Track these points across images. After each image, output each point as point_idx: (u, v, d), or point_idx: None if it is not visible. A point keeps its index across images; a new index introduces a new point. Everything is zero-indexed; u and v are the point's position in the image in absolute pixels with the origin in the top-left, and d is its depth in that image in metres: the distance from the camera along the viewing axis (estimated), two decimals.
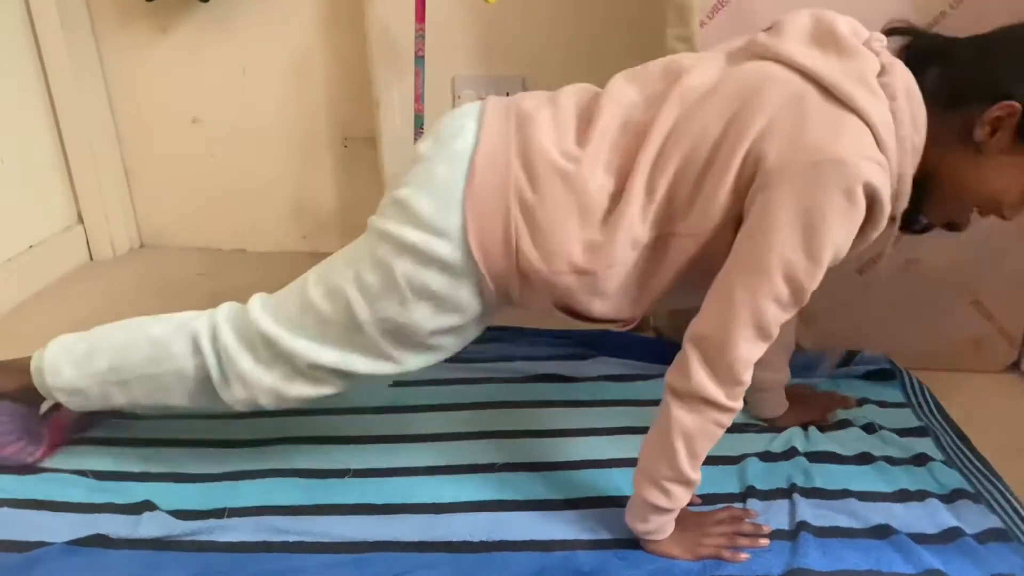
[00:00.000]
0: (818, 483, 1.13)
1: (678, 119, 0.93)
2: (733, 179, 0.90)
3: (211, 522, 1.06)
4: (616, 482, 1.14)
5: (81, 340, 1.11)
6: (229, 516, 1.08)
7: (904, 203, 0.95)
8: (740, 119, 0.90)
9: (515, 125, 0.97)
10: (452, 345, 1.05)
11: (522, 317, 1.63)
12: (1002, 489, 1.13)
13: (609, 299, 0.98)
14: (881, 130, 0.87)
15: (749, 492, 1.11)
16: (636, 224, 0.93)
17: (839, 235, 0.87)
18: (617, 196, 0.94)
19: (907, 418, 1.30)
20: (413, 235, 0.95)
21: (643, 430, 1.24)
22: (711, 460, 1.17)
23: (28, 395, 1.13)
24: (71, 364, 1.09)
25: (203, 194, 2.02)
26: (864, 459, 1.19)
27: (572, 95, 1.02)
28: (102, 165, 1.94)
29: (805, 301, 0.90)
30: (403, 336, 1.00)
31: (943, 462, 1.18)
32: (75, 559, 0.99)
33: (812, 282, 0.88)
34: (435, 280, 0.96)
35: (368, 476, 1.16)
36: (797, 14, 0.98)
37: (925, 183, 0.95)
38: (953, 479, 1.14)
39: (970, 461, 1.19)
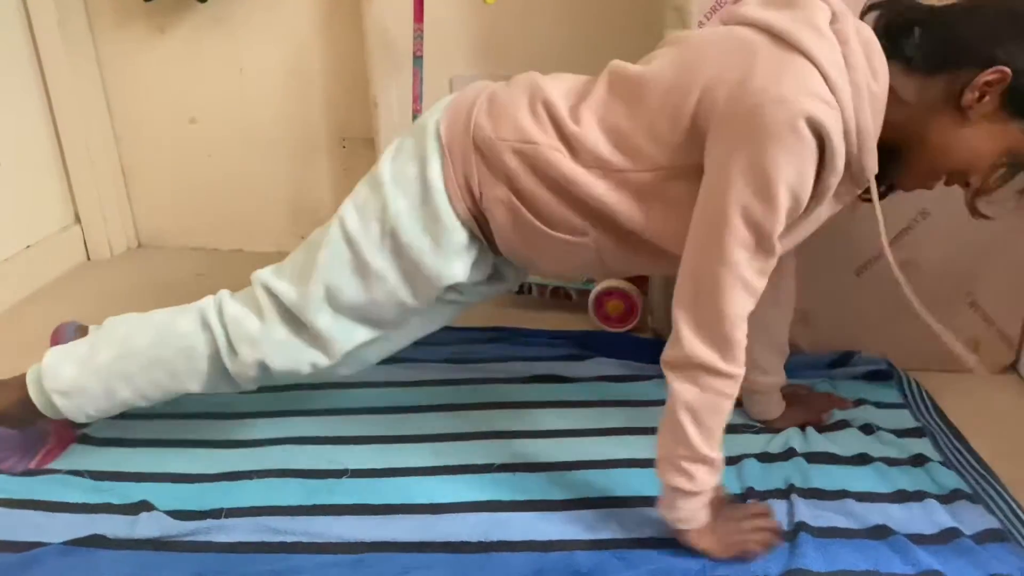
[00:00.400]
0: (816, 484, 1.13)
1: (641, 68, 0.99)
2: (688, 125, 0.92)
3: (208, 522, 1.06)
4: (614, 482, 1.14)
5: (82, 342, 1.10)
6: (226, 516, 1.07)
7: (871, 160, 0.93)
8: (695, 65, 0.93)
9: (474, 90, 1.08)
10: (461, 276, 1.05)
11: (521, 318, 1.63)
12: (1000, 490, 1.13)
13: (550, 187, 1.00)
14: (831, 71, 0.87)
15: (748, 493, 1.11)
16: (588, 131, 0.97)
17: (789, 173, 0.86)
18: (574, 107, 1.01)
19: (905, 419, 1.31)
20: (406, 142, 1.06)
21: (641, 430, 1.25)
22: None
23: (23, 411, 1.10)
24: (72, 363, 1.07)
25: (201, 194, 2.02)
26: (862, 460, 1.19)
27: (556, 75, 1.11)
28: (99, 165, 1.94)
29: (774, 247, 0.90)
30: (385, 237, 1.03)
31: (941, 463, 1.18)
32: (72, 559, 0.99)
33: (773, 224, 0.88)
34: (410, 167, 1.03)
35: (366, 476, 1.16)
36: None
37: (901, 145, 0.95)
38: (951, 480, 1.14)
39: (968, 462, 1.20)
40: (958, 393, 1.38)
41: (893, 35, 0.94)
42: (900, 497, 1.11)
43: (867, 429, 1.26)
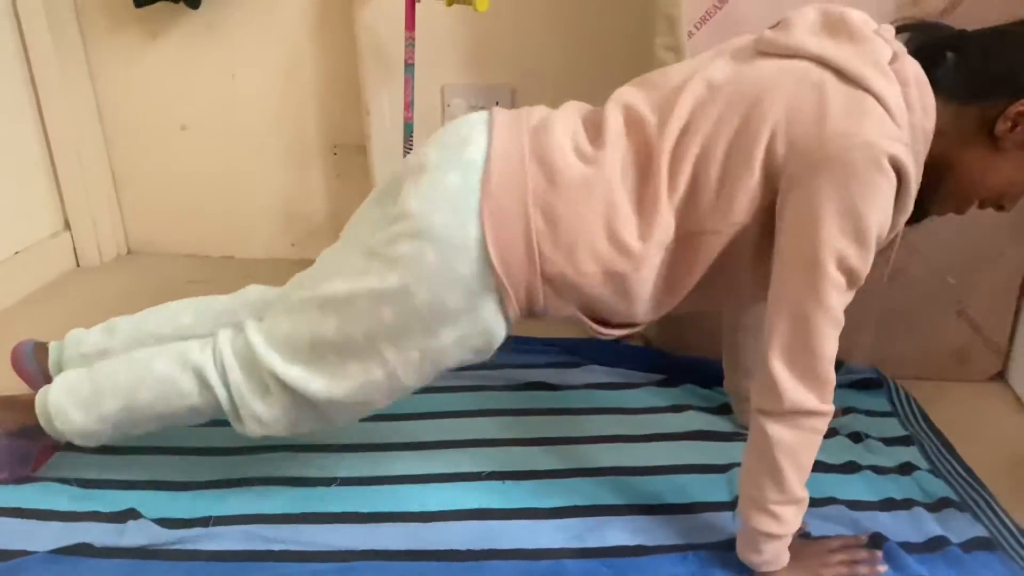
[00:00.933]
0: None
1: (692, 114, 0.93)
2: (760, 171, 0.90)
3: (196, 530, 1.05)
4: (604, 490, 1.14)
5: (83, 380, 1.07)
6: (215, 524, 1.07)
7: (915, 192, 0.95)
8: (759, 109, 0.90)
9: (527, 131, 0.95)
10: (471, 362, 1.01)
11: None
12: (987, 498, 1.13)
13: (637, 301, 0.96)
14: (897, 113, 0.88)
15: (737, 501, 1.11)
16: (662, 221, 0.92)
17: (881, 215, 0.87)
18: (639, 195, 0.93)
19: (893, 427, 1.31)
20: (430, 254, 0.91)
21: (632, 438, 1.26)
22: (700, 469, 1.19)
23: (31, 432, 1.10)
24: (79, 408, 1.06)
25: (192, 200, 2.01)
26: (851, 468, 1.19)
27: (575, 107, 1.03)
28: (89, 171, 1.94)
29: (861, 283, 0.90)
30: (428, 364, 0.98)
31: (929, 471, 1.19)
32: (58, 568, 0.98)
33: (865, 265, 0.89)
34: (455, 300, 0.92)
35: (355, 484, 1.15)
36: (803, 10, 0.98)
37: (936, 173, 0.94)
38: (939, 488, 1.15)
39: (955, 470, 1.20)
40: (946, 402, 1.39)
41: (924, 60, 0.93)
42: (888, 505, 1.12)
43: (856, 437, 1.26)
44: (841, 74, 0.89)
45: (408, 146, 1.69)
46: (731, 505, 1.11)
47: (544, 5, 1.70)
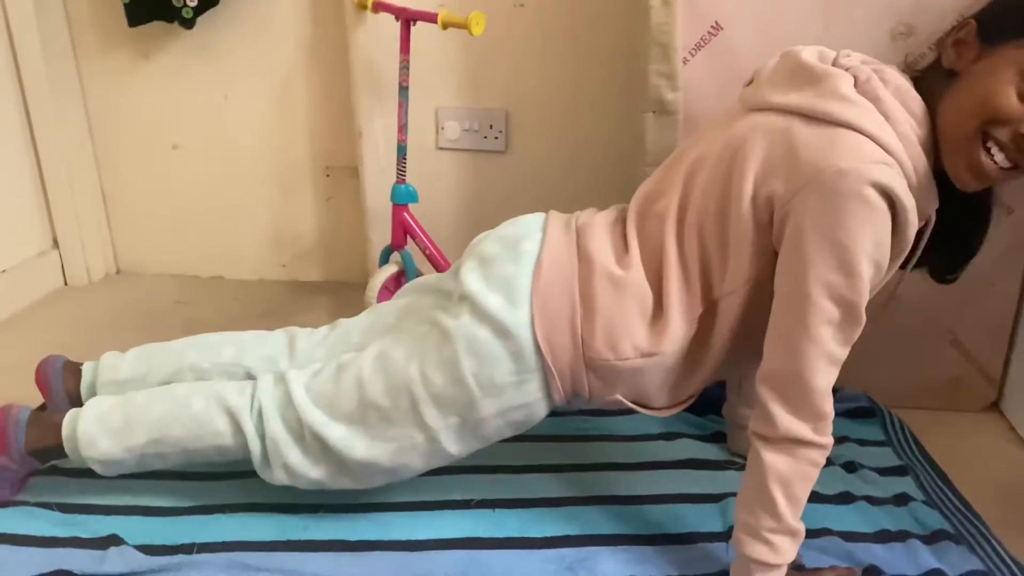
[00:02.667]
0: None
1: (683, 192, 1.00)
2: (752, 225, 0.93)
3: (179, 558, 1.03)
4: (596, 520, 1.13)
5: (116, 409, 1.09)
6: (198, 552, 1.05)
7: (934, 201, 0.95)
8: (737, 168, 0.94)
9: (575, 233, 1.04)
10: (509, 435, 1.07)
11: None
12: (983, 530, 1.12)
13: (676, 380, 1.00)
14: (875, 131, 0.88)
15: (731, 531, 1.10)
16: (688, 302, 0.98)
17: (867, 243, 0.87)
18: (663, 287, 0.98)
19: (887, 457, 1.30)
20: (482, 331, 0.98)
21: (624, 466, 1.24)
22: (693, 498, 1.18)
23: (46, 453, 1.10)
24: (108, 436, 1.07)
25: (182, 221, 2.00)
26: (845, 498, 1.18)
27: (612, 212, 1.09)
28: (79, 190, 1.92)
29: (861, 315, 0.90)
30: (468, 432, 1.02)
31: (924, 502, 1.18)
32: None
33: (859, 296, 0.88)
34: (503, 375, 0.99)
35: (341, 512, 1.13)
36: (767, 62, 1.04)
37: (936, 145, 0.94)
38: (934, 520, 1.14)
39: (951, 501, 1.19)
40: (940, 431, 1.38)
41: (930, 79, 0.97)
42: (883, 537, 1.11)
43: (850, 467, 1.25)
44: (806, 116, 0.91)
45: (401, 168, 1.69)
46: (724, 536, 1.10)
47: (539, 30, 1.71)
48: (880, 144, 0.88)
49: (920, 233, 0.95)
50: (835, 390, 1.40)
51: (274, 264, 2.02)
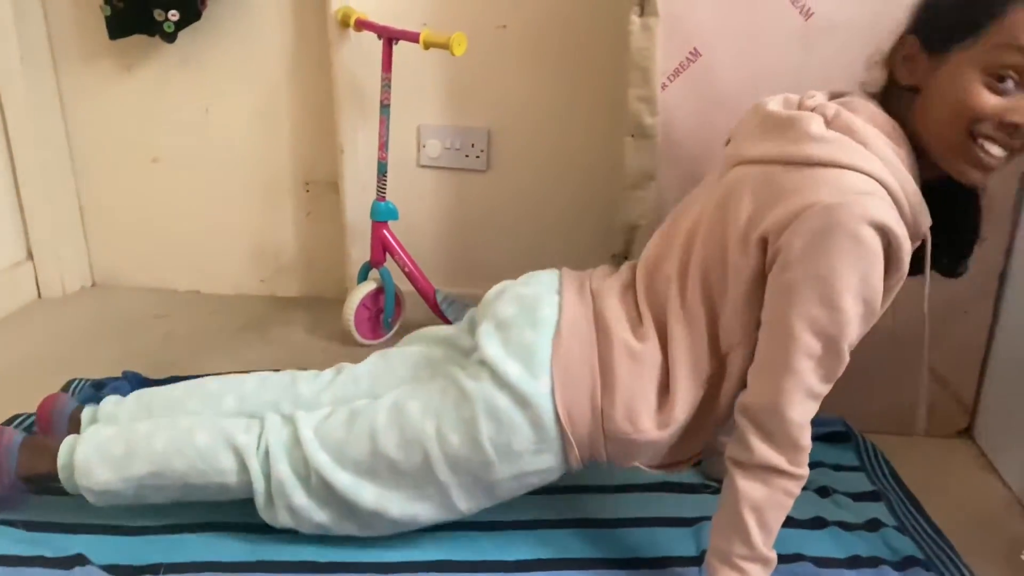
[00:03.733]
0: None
1: (684, 252, 1.01)
2: (749, 270, 0.94)
3: None
4: (571, 542, 1.13)
5: (117, 438, 1.07)
6: (166, 572, 1.03)
7: (927, 216, 0.95)
8: (731, 218, 0.95)
9: (590, 299, 1.05)
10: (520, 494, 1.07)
11: None
12: (953, 557, 1.13)
13: (694, 438, 1.01)
14: (859, 162, 0.89)
15: (704, 556, 1.09)
16: (699, 364, 0.98)
17: (853, 279, 0.87)
18: (674, 355, 0.99)
19: (861, 482, 1.31)
20: (501, 399, 0.98)
21: (598, 488, 1.24)
22: (666, 522, 1.18)
23: (37, 480, 1.09)
24: (107, 466, 1.05)
25: (160, 234, 1.98)
26: (818, 523, 1.18)
27: (624, 275, 1.10)
28: (56, 201, 1.90)
29: (842, 351, 0.90)
30: (480, 491, 1.03)
31: (896, 528, 1.18)
32: None
33: (841, 330, 0.89)
34: (521, 443, 0.99)
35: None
36: (739, 120, 1.07)
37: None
38: (905, 546, 1.14)
39: (922, 527, 1.19)
40: (913, 456, 1.39)
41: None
42: (855, 563, 1.11)
43: (823, 492, 1.26)
44: (784, 163, 0.93)
45: (382, 186, 1.68)
46: (698, 560, 1.10)
47: (521, 51, 1.72)
48: (864, 172, 0.89)
49: (923, 248, 0.96)
50: None
51: (252, 278, 2.01)
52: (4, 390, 1.49)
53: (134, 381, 1.46)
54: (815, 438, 1.37)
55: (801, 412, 0.91)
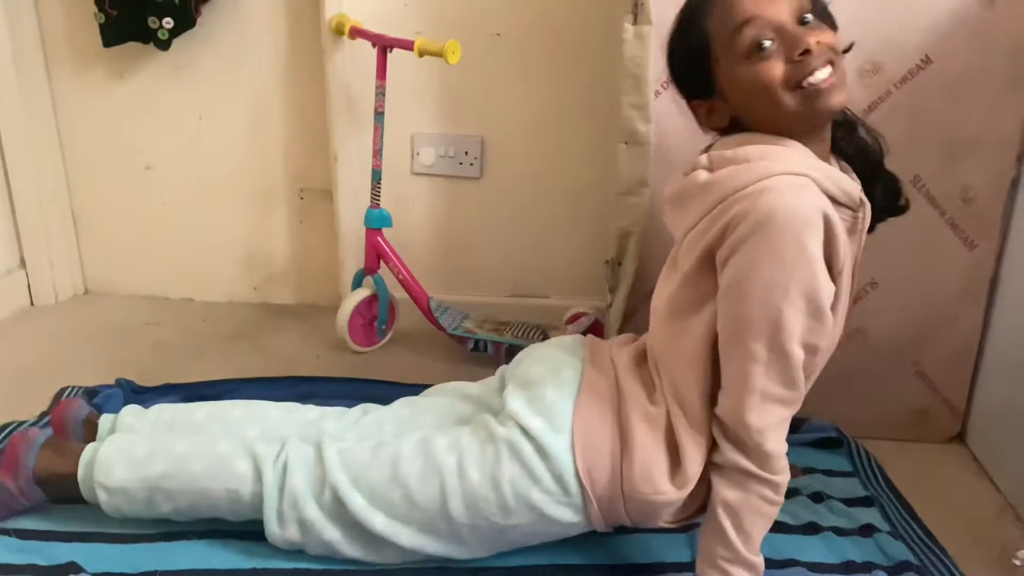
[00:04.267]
0: (766, 553, 1.10)
1: (669, 306, 1.03)
2: (710, 301, 0.95)
3: None
4: (565, 549, 1.12)
5: (141, 442, 1.09)
6: None
7: (856, 182, 0.99)
8: (687, 263, 0.98)
9: (611, 366, 1.08)
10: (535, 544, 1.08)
11: (478, 375, 1.61)
12: (946, 561, 1.14)
13: (703, 484, 1.00)
14: (762, 168, 0.92)
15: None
16: (699, 420, 0.98)
17: (779, 275, 0.88)
18: (686, 417, 0.99)
19: (854, 487, 1.31)
20: (526, 446, 0.99)
21: None
22: (661, 528, 1.17)
23: (69, 487, 1.08)
24: (126, 464, 1.06)
25: (152, 241, 1.98)
26: (811, 529, 1.19)
27: (644, 339, 1.12)
28: (49, 209, 1.90)
29: (789, 351, 0.91)
30: (492, 535, 1.03)
31: (889, 533, 1.19)
32: None
33: (782, 332, 0.89)
34: (541, 492, 0.99)
35: None
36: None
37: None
38: (899, 551, 1.15)
39: (915, 532, 1.20)
40: (905, 462, 1.39)
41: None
42: (849, 568, 1.12)
43: (817, 497, 1.26)
44: (707, 215, 0.96)
45: (375, 193, 1.69)
46: (692, 566, 1.09)
47: (515, 59, 1.73)
48: (773, 172, 0.90)
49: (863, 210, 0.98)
50: (802, 421, 1.44)
51: (245, 286, 2.00)
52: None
53: (127, 388, 1.46)
54: (808, 444, 1.41)
55: (759, 418, 0.92)
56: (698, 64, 0.97)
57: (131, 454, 1.07)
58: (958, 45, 1.28)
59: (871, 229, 1.01)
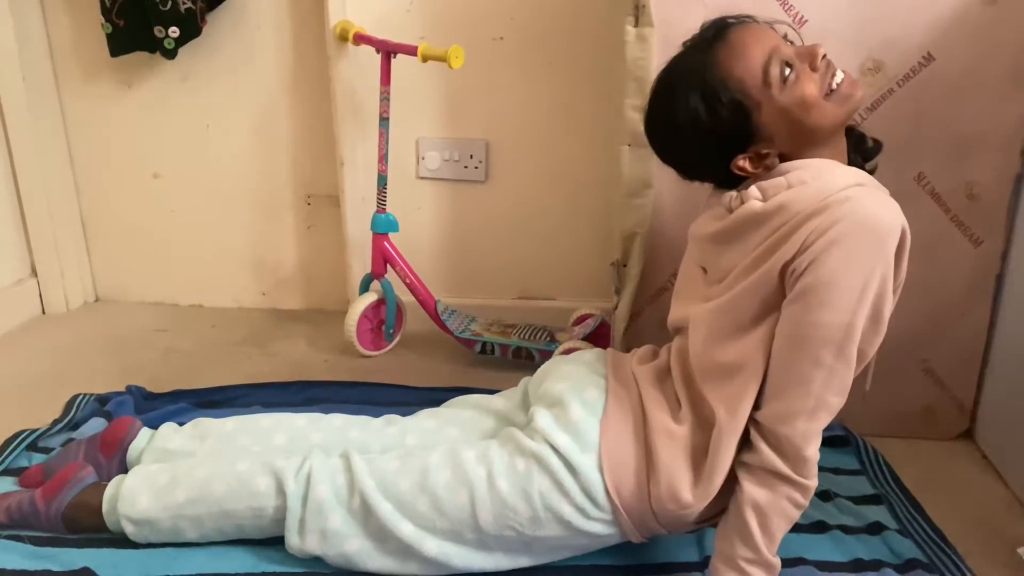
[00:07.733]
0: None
1: (703, 327, 1.04)
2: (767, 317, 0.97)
3: None
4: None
5: (163, 471, 1.10)
6: None
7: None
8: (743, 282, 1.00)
9: (634, 384, 1.09)
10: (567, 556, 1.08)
11: (482, 378, 1.61)
12: (955, 559, 1.13)
13: (729, 485, 1.00)
14: (815, 179, 0.95)
15: (706, 561, 1.10)
16: (733, 436, 0.97)
17: (857, 280, 0.90)
18: (704, 426, 1.00)
19: (862, 485, 1.31)
20: (555, 461, 1.00)
21: None
22: None
23: (95, 518, 1.10)
24: (150, 493, 1.08)
25: (162, 249, 1.99)
26: (820, 527, 1.19)
27: (665, 352, 1.13)
28: (59, 218, 1.92)
29: (850, 356, 0.92)
30: (519, 545, 1.03)
31: (897, 531, 1.19)
32: None
33: (847, 337, 0.91)
34: (569, 510, 1.00)
35: None
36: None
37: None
38: (908, 549, 1.15)
39: (924, 530, 1.20)
40: (913, 459, 1.39)
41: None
42: (858, 566, 1.12)
43: (825, 496, 1.26)
44: (777, 232, 0.97)
45: (382, 198, 1.70)
46: (701, 566, 1.10)
47: (517, 62, 1.73)
48: (838, 186, 0.93)
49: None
50: None
51: (254, 292, 2.02)
52: (8, 405, 1.50)
53: (138, 395, 1.47)
54: None
55: (808, 423, 0.93)
56: (740, 118, 0.97)
57: (153, 483, 1.08)
58: (960, 42, 1.27)
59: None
